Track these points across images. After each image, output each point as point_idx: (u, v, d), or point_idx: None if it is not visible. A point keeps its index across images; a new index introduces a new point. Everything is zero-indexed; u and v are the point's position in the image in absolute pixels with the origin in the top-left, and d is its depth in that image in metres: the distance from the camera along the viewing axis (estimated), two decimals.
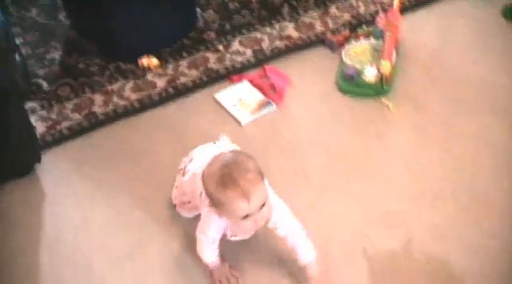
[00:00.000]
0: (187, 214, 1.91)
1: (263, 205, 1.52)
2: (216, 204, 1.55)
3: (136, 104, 2.33)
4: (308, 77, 2.43)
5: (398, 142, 2.17)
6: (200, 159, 1.79)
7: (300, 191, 1.66)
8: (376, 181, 2.05)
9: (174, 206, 1.94)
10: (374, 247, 1.85)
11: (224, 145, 1.88)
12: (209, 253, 1.73)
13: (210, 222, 1.66)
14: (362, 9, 2.70)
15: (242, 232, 1.73)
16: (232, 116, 2.27)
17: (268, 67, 2.45)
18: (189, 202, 1.85)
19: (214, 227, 1.67)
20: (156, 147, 2.18)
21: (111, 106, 2.32)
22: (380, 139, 2.18)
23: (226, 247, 1.76)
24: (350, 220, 1.93)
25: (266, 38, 2.57)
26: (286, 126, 2.25)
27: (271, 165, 2.05)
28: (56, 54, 2.55)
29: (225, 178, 1.49)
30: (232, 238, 1.75)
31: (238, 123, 2.25)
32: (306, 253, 1.71)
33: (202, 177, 1.56)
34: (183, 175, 1.84)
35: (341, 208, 1.97)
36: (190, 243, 1.81)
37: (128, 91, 2.38)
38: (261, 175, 1.52)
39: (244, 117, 2.27)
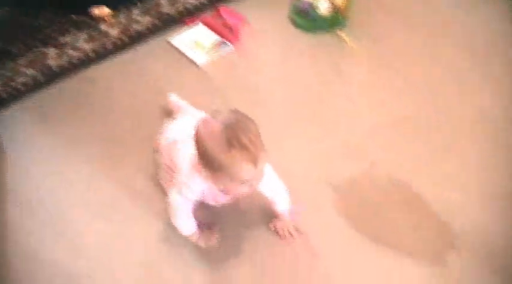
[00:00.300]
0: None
1: None
2: (214, 166, 1.44)
3: (91, 54, 2.29)
4: (263, 15, 2.42)
5: (358, 75, 2.19)
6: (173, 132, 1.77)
7: (261, 126, 1.64)
8: (338, 114, 2.07)
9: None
10: (338, 179, 1.89)
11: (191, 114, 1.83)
12: (185, 218, 1.67)
13: (191, 181, 1.58)
14: None
15: (224, 198, 1.68)
16: (189, 59, 2.26)
17: (222, 8, 2.43)
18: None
19: (195, 187, 1.59)
20: (118, 96, 2.16)
21: (65, 58, 2.27)
22: (339, 72, 2.20)
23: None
24: (312, 154, 1.96)
25: None
26: (244, 65, 2.25)
27: (231, 102, 2.06)
28: (4, 10, 2.48)
29: (233, 141, 1.39)
30: (212, 203, 1.71)
31: (196, 65, 2.24)
32: (282, 206, 1.74)
33: (198, 137, 1.45)
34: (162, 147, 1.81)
35: (303, 142, 2.00)
36: None
37: (82, 42, 2.33)
38: (260, 136, 1.44)
39: (200, 58, 2.26)
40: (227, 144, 1.38)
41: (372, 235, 1.77)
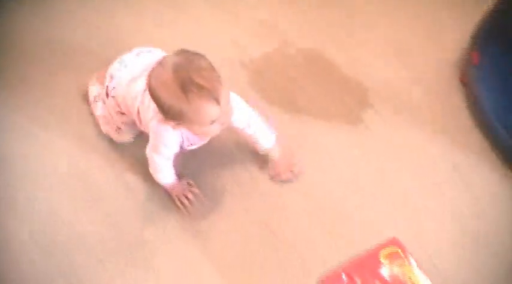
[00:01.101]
0: (127, 135, 1.79)
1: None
2: (176, 116, 1.39)
3: None
4: None
5: None
6: (126, 72, 1.65)
7: None
8: None
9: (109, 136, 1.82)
10: (250, 55, 2.01)
11: (147, 50, 1.71)
12: (166, 172, 1.65)
13: (164, 138, 1.53)
14: None
15: (201, 139, 1.63)
16: None
17: None
18: (122, 113, 1.71)
19: (170, 143, 1.55)
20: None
21: None
22: None
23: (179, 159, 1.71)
24: (223, 33, 2.08)
25: None
26: None
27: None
28: None
29: (187, 85, 1.32)
30: (189, 148, 1.64)
31: None
32: (265, 140, 1.70)
33: (151, 90, 1.39)
34: (107, 96, 1.69)
35: (214, 20, 2.12)
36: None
37: None
38: (215, 69, 1.39)
39: None
40: (182, 91, 1.33)
41: (288, 105, 1.89)
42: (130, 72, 1.63)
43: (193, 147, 1.64)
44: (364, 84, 1.95)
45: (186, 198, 1.69)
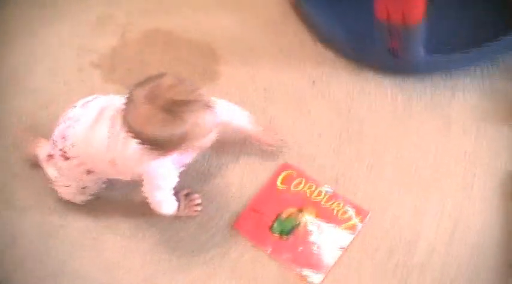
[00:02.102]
0: (92, 192, 1.70)
1: None
2: (177, 143, 1.31)
3: None
4: None
5: None
6: (80, 125, 1.52)
7: None
8: None
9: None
10: (97, 53, 2.07)
11: (90, 98, 1.59)
12: (170, 201, 1.57)
13: (162, 173, 1.46)
14: None
15: (191, 156, 1.58)
16: None
17: None
18: (90, 172, 1.59)
19: (169, 174, 1.48)
20: None
21: None
22: None
23: None
24: (63, 41, 2.12)
25: None
26: None
27: None
28: None
29: (171, 107, 1.25)
30: (180, 171, 1.57)
31: None
32: (246, 121, 1.68)
33: (136, 133, 1.31)
34: (66, 158, 1.55)
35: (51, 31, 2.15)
36: None
37: None
38: (183, 78, 1.33)
39: None
40: (172, 116, 1.26)
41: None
42: (84, 124, 1.51)
43: (183, 169, 1.59)
44: (207, 41, 2.04)
45: (191, 209, 1.69)
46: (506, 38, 1.72)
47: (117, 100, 1.47)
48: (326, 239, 1.61)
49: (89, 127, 1.50)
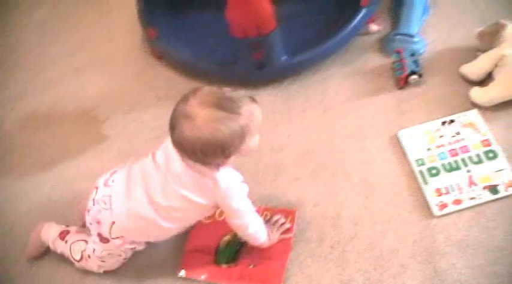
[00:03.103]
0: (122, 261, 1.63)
1: None
2: (240, 138, 1.35)
3: None
4: None
5: None
6: (117, 202, 1.50)
7: None
8: None
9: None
10: None
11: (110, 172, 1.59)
12: (261, 223, 1.58)
13: (232, 176, 1.46)
14: None
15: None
16: None
17: None
18: (133, 243, 1.56)
19: (239, 177, 1.48)
20: None
21: None
22: None
23: None
24: None
25: None
26: None
27: None
28: None
29: (224, 104, 1.32)
30: None
31: None
32: None
33: (202, 142, 1.32)
34: (107, 241, 1.53)
35: None
36: None
37: None
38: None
39: None
40: (229, 112, 1.32)
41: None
42: (119, 197, 1.50)
43: None
44: (87, 109, 2.08)
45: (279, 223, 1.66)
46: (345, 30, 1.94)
47: (136, 162, 1.53)
48: (269, 249, 1.64)
49: (123, 201, 1.49)
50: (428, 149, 1.75)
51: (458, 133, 1.77)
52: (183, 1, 1.96)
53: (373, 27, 2.06)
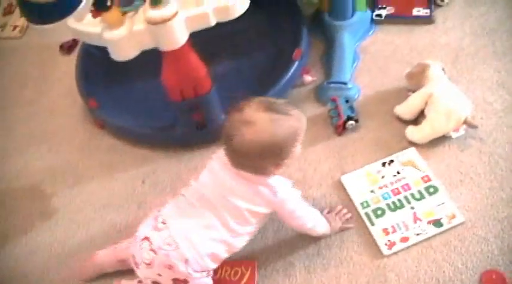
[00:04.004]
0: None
1: None
2: (290, 143, 1.47)
3: None
4: None
5: None
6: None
7: None
8: None
9: None
10: None
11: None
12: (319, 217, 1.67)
13: (289, 184, 1.57)
14: None
15: None
16: None
17: None
18: None
19: (292, 184, 1.59)
20: None
21: None
22: None
23: None
24: None
25: None
26: None
27: None
28: None
29: (277, 106, 1.46)
30: None
31: None
32: None
33: (262, 145, 1.42)
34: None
35: None
36: None
37: None
38: None
39: None
40: (282, 114, 1.44)
41: None
42: (183, 233, 1.49)
43: None
44: (33, 184, 2.07)
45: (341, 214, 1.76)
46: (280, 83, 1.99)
47: (180, 195, 1.58)
48: None
49: (190, 233, 1.49)
50: (372, 191, 1.79)
51: (398, 173, 1.82)
52: (120, 71, 1.98)
53: (307, 78, 2.12)
